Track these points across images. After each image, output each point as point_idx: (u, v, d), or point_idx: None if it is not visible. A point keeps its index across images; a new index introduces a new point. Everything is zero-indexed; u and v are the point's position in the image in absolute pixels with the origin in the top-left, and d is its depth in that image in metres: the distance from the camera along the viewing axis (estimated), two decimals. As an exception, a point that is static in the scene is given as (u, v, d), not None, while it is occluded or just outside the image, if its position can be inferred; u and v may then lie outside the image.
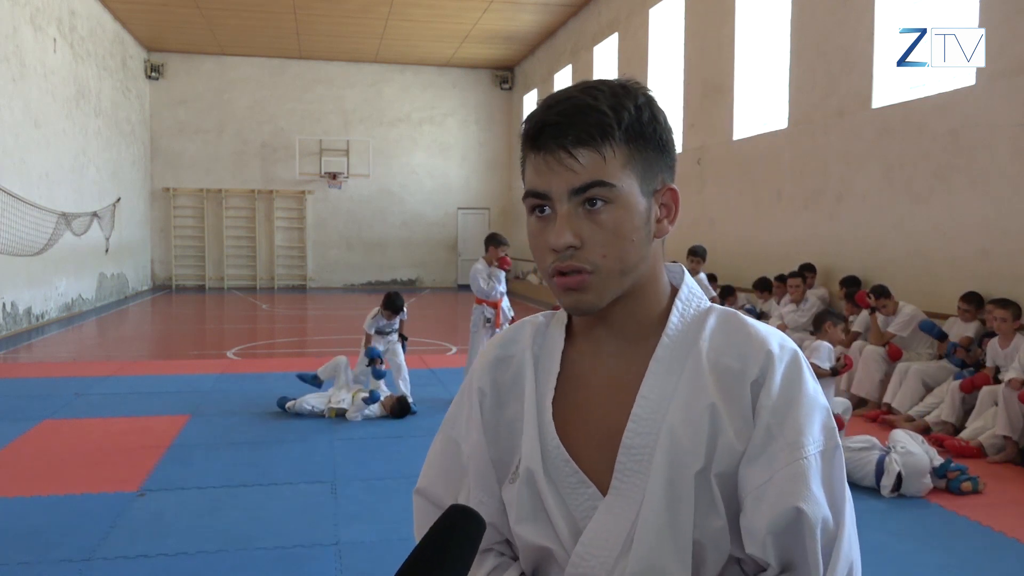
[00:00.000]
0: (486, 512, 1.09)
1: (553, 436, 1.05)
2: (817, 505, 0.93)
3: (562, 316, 1.14)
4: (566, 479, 1.03)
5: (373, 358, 6.81)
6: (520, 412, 1.09)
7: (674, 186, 1.04)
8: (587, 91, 0.99)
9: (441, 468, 1.17)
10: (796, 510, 0.92)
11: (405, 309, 7.17)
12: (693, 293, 1.08)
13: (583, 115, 0.96)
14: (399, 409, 6.65)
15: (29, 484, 4.84)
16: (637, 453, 0.99)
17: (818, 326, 5.74)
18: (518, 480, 1.06)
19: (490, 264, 7.32)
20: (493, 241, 7.35)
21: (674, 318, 1.04)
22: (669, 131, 1.02)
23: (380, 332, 7.04)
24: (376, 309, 6.99)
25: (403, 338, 7.25)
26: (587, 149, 0.96)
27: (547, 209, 0.99)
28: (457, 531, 0.81)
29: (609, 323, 1.06)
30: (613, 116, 0.96)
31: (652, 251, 1.03)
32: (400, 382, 6.96)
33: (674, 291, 1.09)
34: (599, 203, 0.97)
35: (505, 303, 7.42)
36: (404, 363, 7.08)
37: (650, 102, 1.00)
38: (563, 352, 1.10)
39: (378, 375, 6.83)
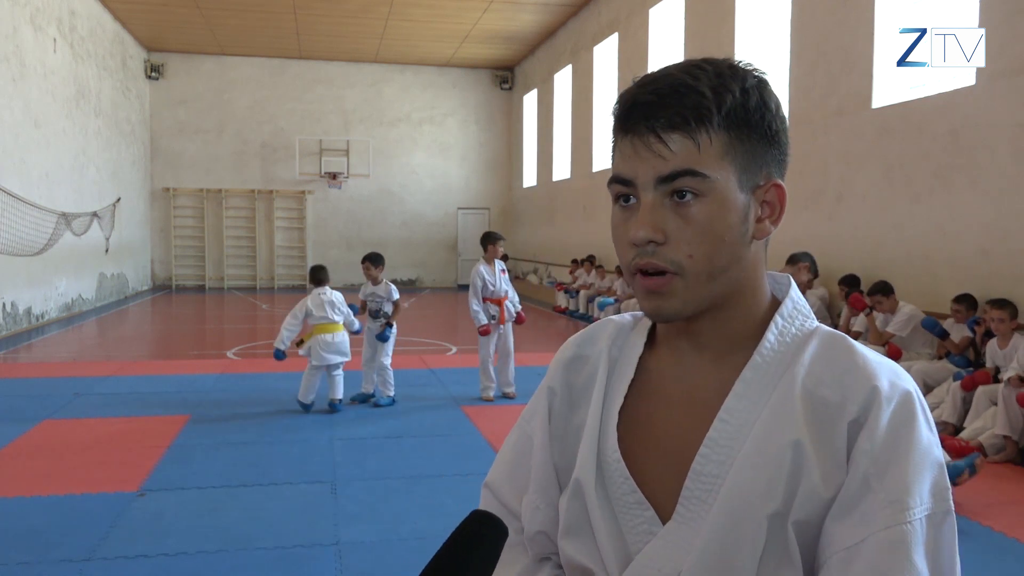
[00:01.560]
0: (542, 519, 1.01)
1: (615, 448, 0.94)
2: None
3: (647, 319, 1.03)
4: (622, 497, 0.93)
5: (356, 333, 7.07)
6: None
7: (781, 182, 0.92)
8: (688, 70, 0.88)
9: (511, 465, 1.08)
10: None
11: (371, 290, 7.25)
12: (798, 309, 0.94)
13: (679, 96, 0.86)
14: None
15: (29, 484, 4.84)
16: (707, 481, 0.87)
17: None
18: (568, 491, 0.98)
19: (490, 263, 7.27)
20: (490, 239, 7.29)
21: (771, 335, 0.91)
22: (781, 119, 0.91)
23: (370, 311, 7.17)
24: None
25: (388, 324, 7.21)
26: (679, 134, 0.86)
27: (632, 198, 0.89)
28: (478, 539, 0.78)
29: (695, 333, 0.94)
30: (713, 99, 0.86)
31: (751, 255, 0.91)
32: (376, 376, 7.05)
33: (775, 304, 0.95)
34: (688, 195, 0.86)
35: (512, 298, 7.43)
36: (386, 361, 7.09)
37: (761, 85, 0.89)
38: (642, 359, 1.00)
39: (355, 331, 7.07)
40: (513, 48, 19.08)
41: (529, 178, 20.11)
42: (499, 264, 7.33)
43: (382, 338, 6.98)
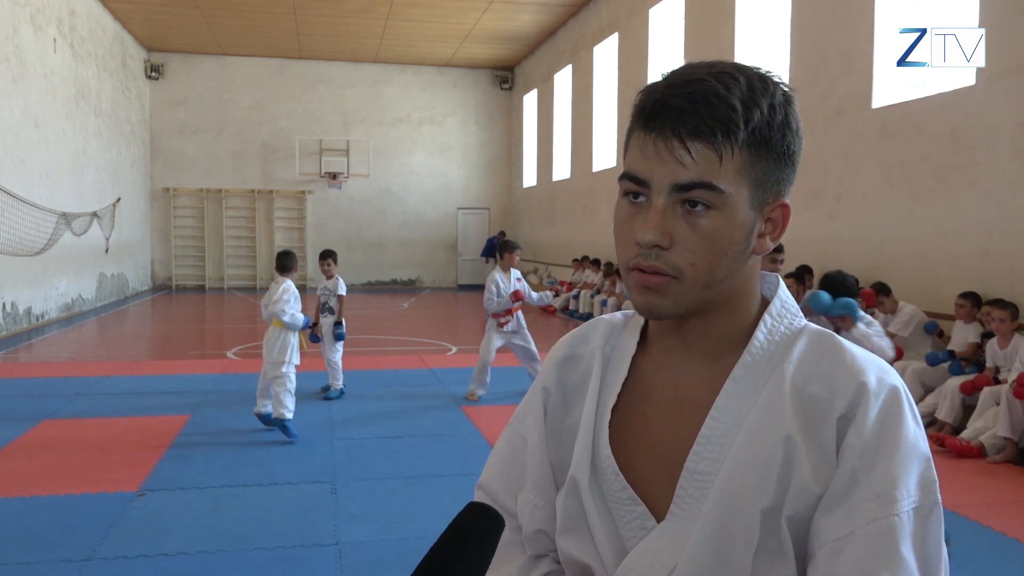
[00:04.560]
0: (540, 517, 1.02)
1: (606, 446, 0.96)
2: (906, 572, 0.80)
3: (639, 319, 1.03)
4: (614, 494, 0.94)
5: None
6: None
7: (787, 202, 0.92)
8: (720, 76, 0.86)
9: (504, 464, 1.09)
10: None
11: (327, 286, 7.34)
12: (787, 308, 0.96)
13: (710, 104, 0.84)
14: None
15: (29, 484, 4.84)
16: (701, 479, 0.89)
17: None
18: (564, 489, 0.99)
19: (506, 271, 7.25)
20: (507, 248, 7.33)
21: (760, 335, 0.92)
22: (800, 140, 0.91)
23: (320, 305, 7.35)
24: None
25: (338, 323, 7.26)
26: (703, 144, 0.84)
27: (641, 196, 0.88)
28: (475, 531, 0.78)
29: (686, 334, 0.95)
30: (743, 113, 0.85)
31: (747, 267, 0.92)
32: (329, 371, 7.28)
33: (765, 304, 0.96)
34: (700, 206, 0.86)
35: (526, 289, 7.33)
36: (335, 357, 7.23)
37: (788, 103, 0.89)
38: (634, 358, 1.00)
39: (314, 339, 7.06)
40: (513, 48, 19.08)
41: (529, 178, 20.11)
42: (515, 273, 7.34)
43: (338, 337, 7.22)
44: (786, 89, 0.90)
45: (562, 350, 1.08)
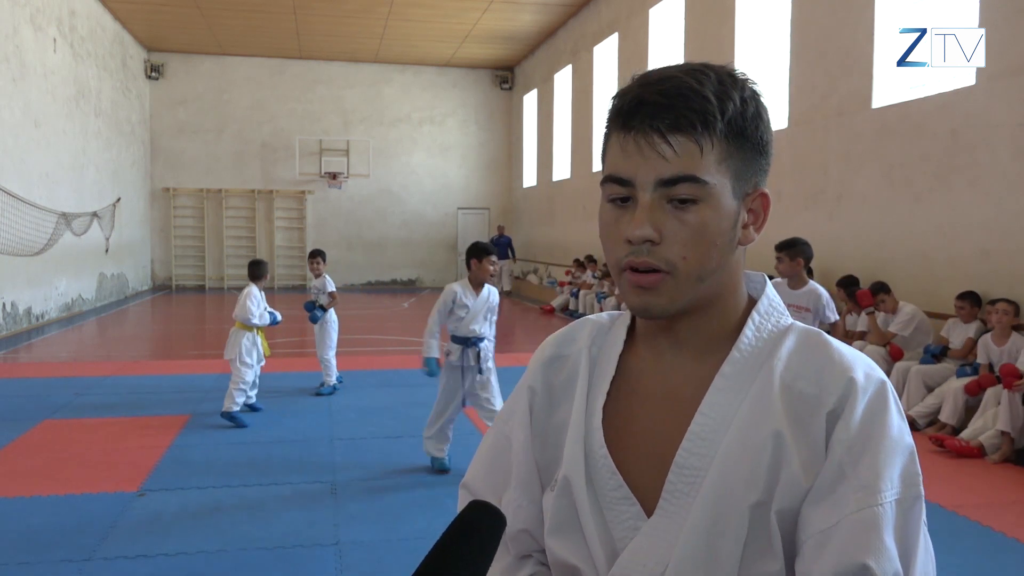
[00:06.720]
0: (524, 517, 1.02)
1: (601, 445, 0.96)
2: (888, 561, 0.81)
3: (625, 318, 1.04)
4: (609, 493, 0.94)
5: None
6: (571, 415, 1.01)
7: (766, 191, 0.94)
8: (692, 73, 0.89)
9: (489, 464, 1.09)
10: (863, 567, 0.80)
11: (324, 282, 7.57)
12: (774, 307, 0.97)
13: (685, 99, 0.86)
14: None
15: (29, 484, 4.84)
16: (690, 474, 0.89)
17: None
18: (556, 489, 0.98)
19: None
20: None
21: (748, 332, 0.93)
22: (771, 131, 0.93)
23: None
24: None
25: (321, 307, 7.48)
26: (684, 137, 0.86)
27: (628, 199, 0.89)
28: (478, 529, 0.78)
29: (675, 332, 0.95)
30: (717, 105, 0.87)
31: (734, 259, 0.93)
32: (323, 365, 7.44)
33: (752, 303, 0.98)
34: (687, 199, 0.87)
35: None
36: (329, 355, 7.42)
37: (756, 96, 0.91)
38: (621, 357, 1.01)
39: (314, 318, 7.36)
40: (513, 48, 19.08)
41: (529, 178, 20.11)
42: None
43: (312, 319, 7.45)
44: (753, 84, 0.92)
45: (548, 350, 1.08)
